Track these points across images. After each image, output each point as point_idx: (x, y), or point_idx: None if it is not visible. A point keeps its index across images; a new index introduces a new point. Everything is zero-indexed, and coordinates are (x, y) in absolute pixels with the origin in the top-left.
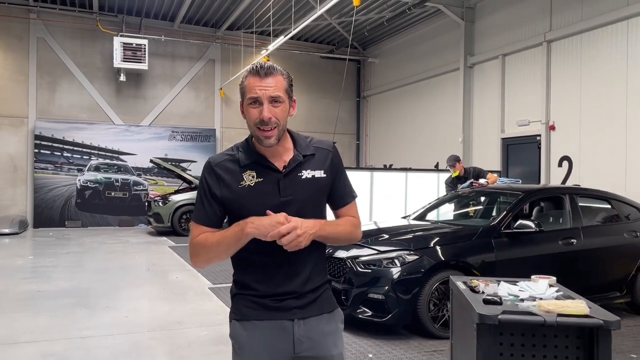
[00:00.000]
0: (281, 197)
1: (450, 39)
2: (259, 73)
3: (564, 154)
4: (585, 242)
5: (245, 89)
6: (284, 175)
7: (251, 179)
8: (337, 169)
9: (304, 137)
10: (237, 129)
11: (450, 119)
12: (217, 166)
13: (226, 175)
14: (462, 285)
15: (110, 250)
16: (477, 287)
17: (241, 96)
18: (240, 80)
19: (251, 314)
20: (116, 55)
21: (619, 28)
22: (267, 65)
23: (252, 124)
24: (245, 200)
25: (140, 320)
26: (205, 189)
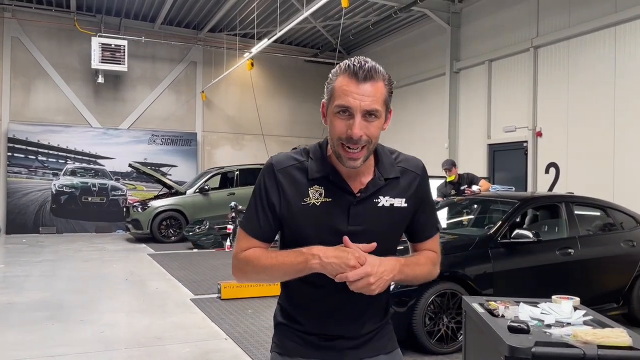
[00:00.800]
0: (349, 225)
1: (436, 44)
2: (357, 75)
3: (551, 160)
4: (582, 252)
5: (334, 91)
6: (357, 201)
7: (318, 196)
8: (423, 197)
9: (389, 153)
10: (219, 132)
11: (436, 124)
12: (280, 172)
13: (289, 187)
14: (479, 308)
15: (86, 258)
16: (497, 310)
17: (327, 97)
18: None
19: (296, 350)
20: (94, 56)
21: (607, 35)
22: (368, 66)
23: (336, 137)
24: (305, 221)
25: (117, 335)
26: (262, 195)
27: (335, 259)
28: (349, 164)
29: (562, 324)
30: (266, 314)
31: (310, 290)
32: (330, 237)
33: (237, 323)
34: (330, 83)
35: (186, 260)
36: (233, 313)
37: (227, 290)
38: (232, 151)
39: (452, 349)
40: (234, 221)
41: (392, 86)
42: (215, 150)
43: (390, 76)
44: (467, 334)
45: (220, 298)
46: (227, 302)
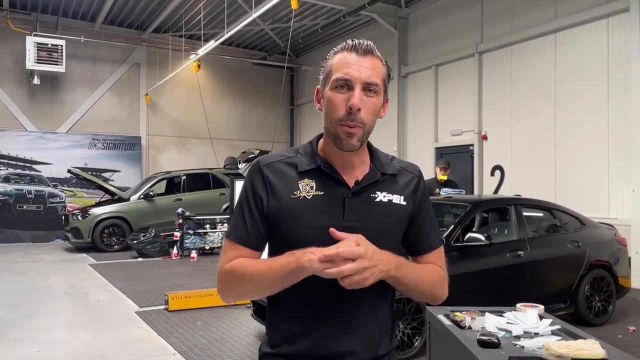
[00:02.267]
0: (345, 220)
1: (385, 48)
2: (356, 49)
3: (496, 163)
4: (531, 254)
5: (332, 67)
6: (353, 194)
7: (309, 189)
8: (422, 200)
9: (386, 154)
10: (165, 136)
11: (385, 128)
12: (267, 167)
13: (277, 181)
14: (446, 321)
15: (21, 270)
16: (463, 321)
17: (323, 78)
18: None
19: None
20: (29, 56)
21: (547, 41)
22: (367, 42)
23: (335, 116)
24: (294, 215)
25: (55, 355)
26: (248, 195)
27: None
28: (346, 142)
29: (530, 334)
30: (217, 325)
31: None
32: (323, 235)
33: (186, 336)
34: (326, 63)
35: (131, 270)
36: (181, 326)
37: (175, 302)
38: (178, 155)
39: (408, 355)
40: (181, 228)
41: (390, 70)
42: (160, 155)
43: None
44: (432, 347)
45: (167, 310)
46: (175, 313)
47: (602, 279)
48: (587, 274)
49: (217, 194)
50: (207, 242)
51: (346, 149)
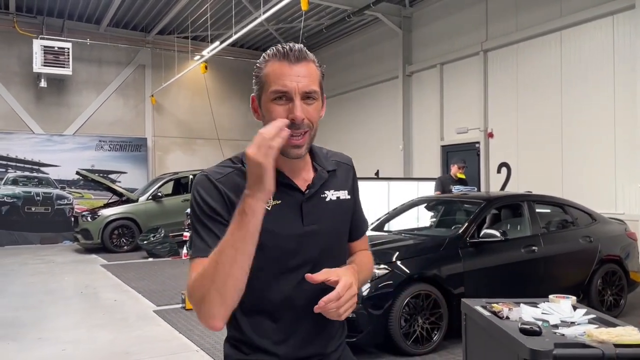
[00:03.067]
0: (305, 225)
1: (389, 47)
2: (288, 57)
3: (502, 160)
4: (545, 249)
5: (266, 78)
6: (307, 198)
7: (268, 201)
8: (356, 191)
9: (319, 147)
10: (170, 137)
11: (390, 126)
12: (220, 181)
13: (234, 194)
14: (484, 312)
15: (34, 271)
16: (501, 312)
17: (258, 89)
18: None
19: None
20: (36, 59)
21: (553, 39)
22: (298, 47)
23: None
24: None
25: (81, 353)
26: (204, 212)
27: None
28: (293, 152)
29: (567, 323)
30: None
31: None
32: (286, 243)
33: (207, 334)
34: (259, 73)
35: (143, 270)
36: (201, 324)
37: None
38: (184, 156)
39: (427, 349)
40: (190, 228)
41: (322, 70)
42: (166, 156)
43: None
44: (468, 337)
45: (184, 308)
46: (193, 312)
47: (613, 273)
48: (599, 268)
49: None
50: None
51: (294, 157)
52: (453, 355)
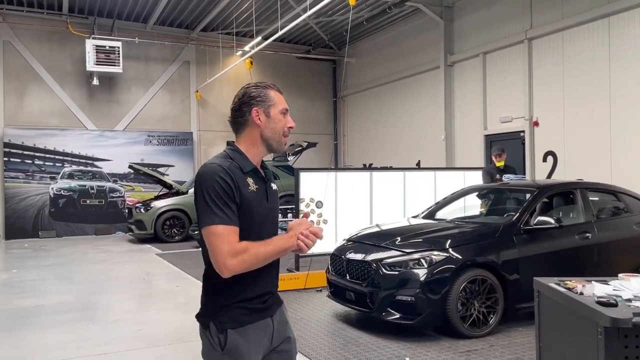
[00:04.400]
0: (268, 203)
1: (430, 37)
2: (279, 90)
3: (548, 149)
4: (599, 236)
5: (276, 99)
6: (268, 185)
7: (252, 184)
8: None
9: None
10: (214, 131)
11: (432, 117)
12: (229, 169)
13: (237, 179)
14: (560, 288)
15: (95, 260)
16: (575, 288)
17: (268, 102)
18: (259, 90)
19: (246, 320)
20: (89, 58)
21: (600, 25)
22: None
23: (281, 130)
24: (251, 204)
25: (157, 333)
26: (224, 189)
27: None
28: (283, 148)
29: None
30: (293, 306)
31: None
32: (262, 213)
33: None
34: (264, 97)
35: (197, 259)
36: None
37: None
38: None
39: (484, 332)
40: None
41: None
42: (211, 149)
43: None
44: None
45: None
46: None
47: None
48: None
49: None
50: None
51: (279, 151)
52: (510, 337)
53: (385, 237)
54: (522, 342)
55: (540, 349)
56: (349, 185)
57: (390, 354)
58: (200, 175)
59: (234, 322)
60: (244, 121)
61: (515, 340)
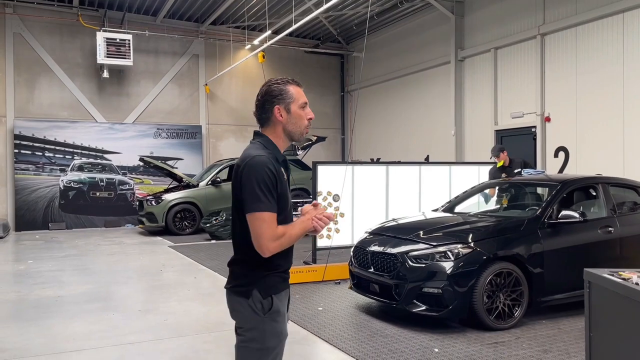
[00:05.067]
0: (290, 190)
1: (440, 32)
2: (299, 84)
3: (560, 144)
4: (621, 230)
5: (295, 94)
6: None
7: (283, 174)
8: None
9: None
10: (223, 125)
11: (442, 112)
12: (273, 160)
13: (277, 170)
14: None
15: (109, 252)
16: (631, 279)
17: (288, 101)
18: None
19: (281, 287)
20: (100, 50)
21: (614, 21)
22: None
23: (302, 123)
24: (286, 192)
25: (183, 322)
26: (271, 180)
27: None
28: (303, 138)
29: None
30: (314, 298)
31: None
32: (290, 201)
33: (291, 307)
34: (286, 89)
35: (210, 251)
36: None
37: None
38: (236, 143)
39: (509, 324)
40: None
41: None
42: (219, 143)
43: None
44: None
45: None
46: None
47: None
48: None
49: None
50: None
51: (300, 141)
52: (535, 330)
53: (409, 230)
54: (547, 334)
55: (591, 339)
56: (365, 179)
57: (419, 345)
58: (252, 166)
59: (275, 289)
60: (268, 117)
61: (540, 333)
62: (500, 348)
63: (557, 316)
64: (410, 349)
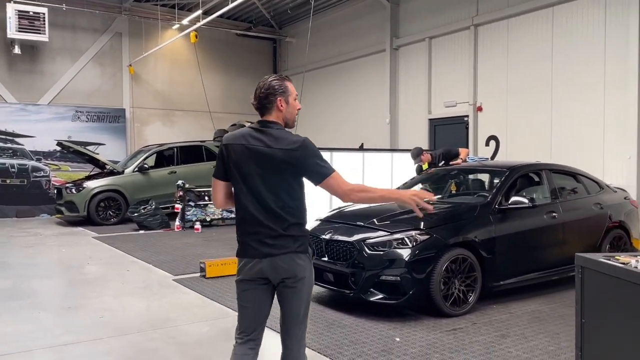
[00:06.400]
0: None
1: (376, 20)
2: (290, 80)
3: (491, 133)
4: (564, 215)
5: (290, 89)
6: None
7: None
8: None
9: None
10: (149, 109)
11: (376, 100)
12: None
13: None
14: (615, 263)
15: (25, 244)
16: (630, 263)
17: (287, 93)
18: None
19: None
20: (10, 24)
21: (544, 14)
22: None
23: (295, 112)
24: None
25: (122, 319)
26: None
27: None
28: (294, 124)
29: None
30: None
31: None
32: None
33: None
34: (284, 86)
35: (140, 242)
36: (228, 291)
37: (212, 269)
38: (163, 128)
39: (464, 310)
40: (182, 200)
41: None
42: (145, 127)
43: None
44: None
45: (204, 277)
46: (214, 280)
47: (619, 238)
48: (607, 233)
49: (211, 166)
50: (208, 214)
51: (292, 127)
52: (488, 315)
53: (362, 217)
54: (500, 319)
55: (583, 326)
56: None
57: (379, 334)
58: (308, 144)
59: (309, 251)
60: (270, 107)
61: (494, 318)
62: (460, 335)
63: (506, 300)
64: (371, 339)
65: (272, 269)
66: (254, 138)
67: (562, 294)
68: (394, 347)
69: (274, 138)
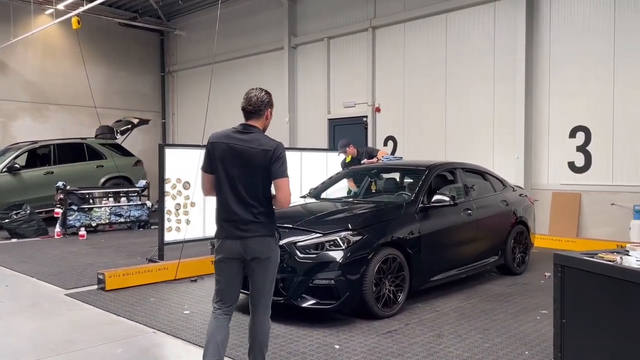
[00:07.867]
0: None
1: (274, 17)
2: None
3: (390, 134)
4: (478, 212)
5: (273, 103)
6: None
7: None
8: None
9: None
10: (16, 101)
11: (276, 98)
12: None
13: None
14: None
15: None
16: (616, 261)
17: (272, 107)
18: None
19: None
20: None
21: (439, 20)
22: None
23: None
24: None
25: (15, 344)
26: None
27: None
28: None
29: None
30: (174, 300)
31: None
32: None
33: (152, 313)
34: (272, 100)
35: (15, 252)
36: (135, 304)
37: (113, 280)
38: (33, 124)
39: (394, 311)
40: (62, 204)
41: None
42: (12, 123)
43: None
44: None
45: (104, 289)
46: (116, 292)
47: (521, 233)
48: (512, 229)
49: (95, 166)
50: (93, 219)
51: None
52: (417, 314)
53: (289, 218)
54: (430, 317)
55: (563, 326)
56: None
57: (317, 343)
58: (281, 148)
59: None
60: (260, 115)
61: (423, 317)
62: (397, 337)
63: (428, 298)
64: (310, 348)
65: (245, 249)
66: (238, 139)
67: (476, 289)
68: (335, 356)
69: (256, 140)
